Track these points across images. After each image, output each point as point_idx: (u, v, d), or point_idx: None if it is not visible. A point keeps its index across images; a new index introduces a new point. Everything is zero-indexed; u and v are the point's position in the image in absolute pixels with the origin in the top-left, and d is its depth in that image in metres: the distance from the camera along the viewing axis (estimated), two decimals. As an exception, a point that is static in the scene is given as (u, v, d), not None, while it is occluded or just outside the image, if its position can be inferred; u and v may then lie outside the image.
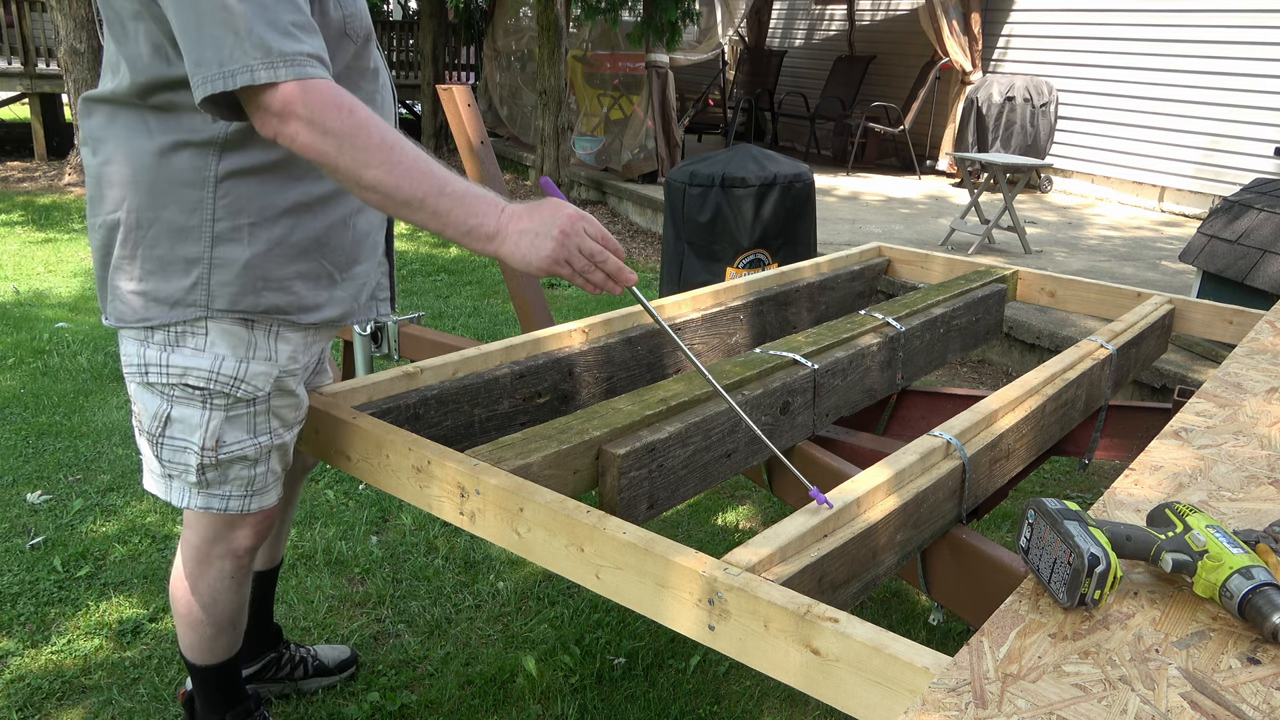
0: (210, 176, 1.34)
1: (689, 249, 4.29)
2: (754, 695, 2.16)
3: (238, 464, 1.48)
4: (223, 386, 1.42)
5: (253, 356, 1.43)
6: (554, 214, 1.28)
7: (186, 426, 1.44)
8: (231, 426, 1.45)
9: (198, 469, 1.46)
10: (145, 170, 1.34)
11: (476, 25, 12.00)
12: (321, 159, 1.19)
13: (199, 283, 1.37)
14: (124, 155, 1.35)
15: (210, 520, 1.56)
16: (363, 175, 1.20)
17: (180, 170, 1.34)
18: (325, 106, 1.18)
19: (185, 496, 1.50)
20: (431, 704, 2.09)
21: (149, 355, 1.41)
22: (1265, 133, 6.83)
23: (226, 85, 1.15)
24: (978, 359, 4.71)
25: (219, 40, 1.15)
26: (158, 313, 1.39)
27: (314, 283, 1.45)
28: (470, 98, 2.66)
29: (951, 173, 9.10)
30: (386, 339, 2.51)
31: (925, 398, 2.41)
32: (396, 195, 1.22)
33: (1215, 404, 1.65)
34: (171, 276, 1.37)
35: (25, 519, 2.77)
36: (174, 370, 1.41)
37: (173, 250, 1.36)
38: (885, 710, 0.98)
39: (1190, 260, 4.09)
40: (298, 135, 1.18)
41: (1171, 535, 1.07)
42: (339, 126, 1.18)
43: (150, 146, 1.34)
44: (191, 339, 1.40)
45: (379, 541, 2.73)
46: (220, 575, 1.62)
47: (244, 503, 1.52)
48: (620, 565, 1.19)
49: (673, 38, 7.76)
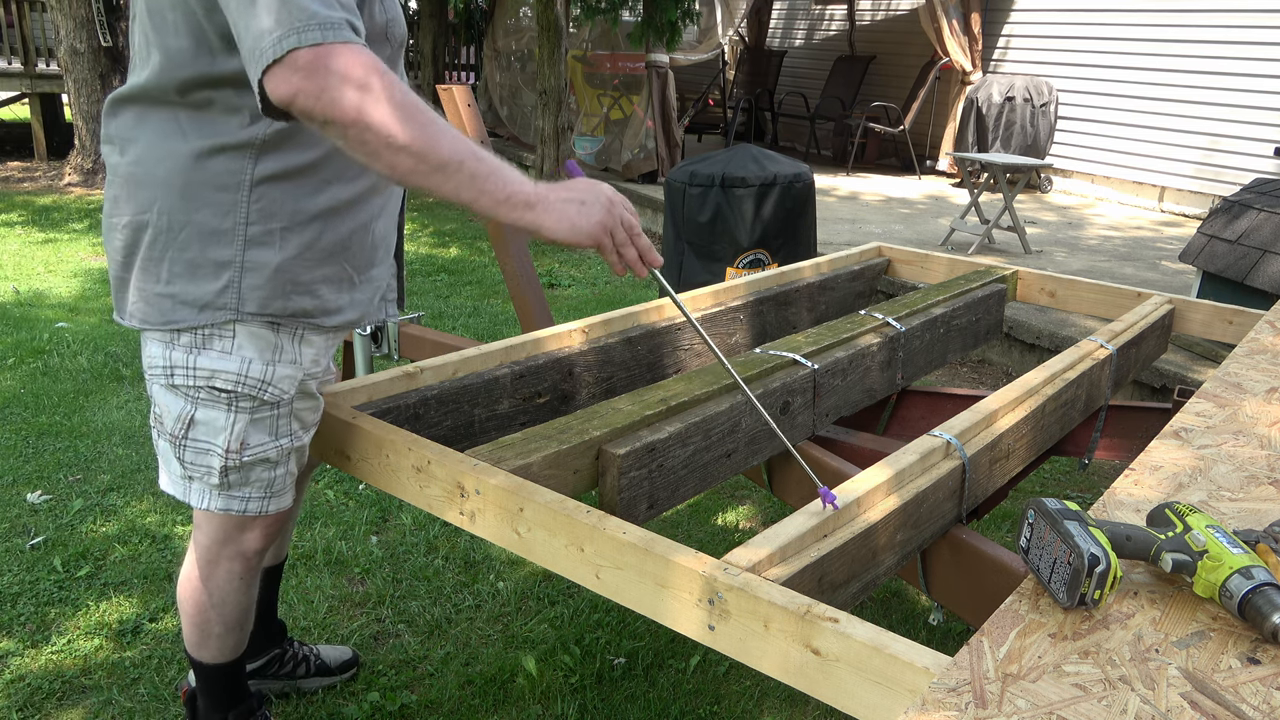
0: (246, 180, 1.33)
1: (689, 249, 4.30)
2: (754, 695, 2.16)
3: (259, 466, 1.48)
4: (250, 389, 1.42)
5: (279, 360, 1.43)
6: (595, 186, 1.33)
7: (211, 429, 1.44)
8: (255, 429, 1.45)
9: (220, 471, 1.46)
10: (179, 173, 1.33)
11: (476, 25, 12.01)
12: (347, 116, 1.14)
13: (230, 286, 1.37)
14: (156, 157, 1.34)
15: (221, 521, 1.56)
16: (397, 135, 1.15)
17: (216, 174, 1.33)
18: (360, 63, 1.15)
19: (205, 498, 1.50)
20: (431, 704, 2.09)
21: (175, 357, 1.41)
22: (1265, 133, 6.83)
23: (278, 52, 1.12)
24: (978, 359, 4.71)
25: (271, 10, 1.13)
26: (185, 315, 1.38)
27: (337, 286, 1.46)
28: (470, 98, 2.66)
29: (951, 173, 9.10)
30: (386, 339, 2.51)
31: (925, 398, 2.41)
32: (431, 157, 1.18)
33: (1215, 404, 1.65)
34: (201, 280, 1.36)
35: (25, 519, 2.77)
36: (201, 373, 1.40)
37: (204, 253, 1.35)
38: (885, 710, 0.98)
39: (1190, 260, 4.09)
40: (325, 90, 1.13)
41: (1171, 535, 1.07)
42: (372, 82, 1.15)
43: (185, 149, 1.32)
44: (219, 341, 1.40)
45: (379, 541, 2.73)
46: (230, 575, 1.62)
47: (262, 504, 1.52)
48: (620, 565, 1.19)
49: (673, 38, 7.75)
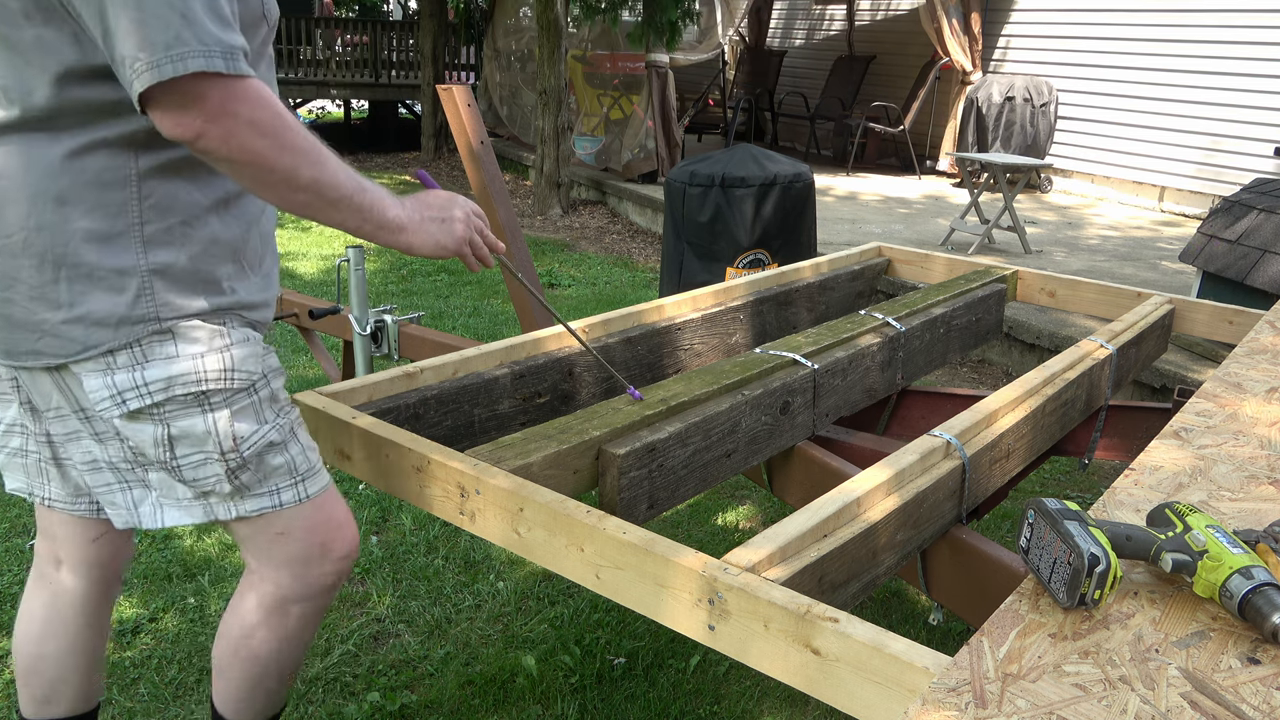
0: (131, 175, 1.19)
1: (689, 249, 4.30)
2: (754, 695, 2.16)
3: (268, 452, 1.33)
4: (214, 383, 1.27)
5: (231, 343, 1.29)
6: (448, 201, 1.37)
7: (196, 438, 1.28)
8: (241, 419, 1.30)
9: (228, 474, 1.30)
10: (50, 178, 1.16)
11: (476, 25, 12.01)
12: (255, 159, 1.12)
13: (141, 295, 1.21)
14: (20, 165, 1.16)
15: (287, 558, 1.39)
16: (299, 176, 1.15)
17: (96, 172, 1.17)
18: (264, 105, 1.11)
19: (230, 508, 1.34)
20: (431, 704, 2.09)
21: (119, 381, 1.23)
22: (1265, 133, 6.83)
23: (176, 70, 1.04)
24: (978, 359, 4.71)
25: (166, 20, 1.04)
26: (103, 336, 1.21)
27: (245, 282, 1.33)
28: (470, 98, 2.66)
29: (951, 173, 9.10)
30: (386, 339, 2.51)
31: (925, 398, 2.41)
32: (327, 194, 1.19)
33: (1215, 404, 1.66)
34: (108, 292, 1.20)
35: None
36: (155, 385, 1.24)
37: (100, 263, 1.19)
38: (885, 710, 0.98)
39: (1190, 260, 4.09)
40: (232, 135, 1.09)
41: (1171, 535, 1.07)
42: (277, 127, 1.12)
43: (55, 151, 1.16)
44: (159, 347, 1.24)
45: (379, 541, 2.73)
46: (301, 623, 1.45)
47: (296, 490, 1.36)
48: (620, 565, 1.19)
49: (673, 37, 7.76)
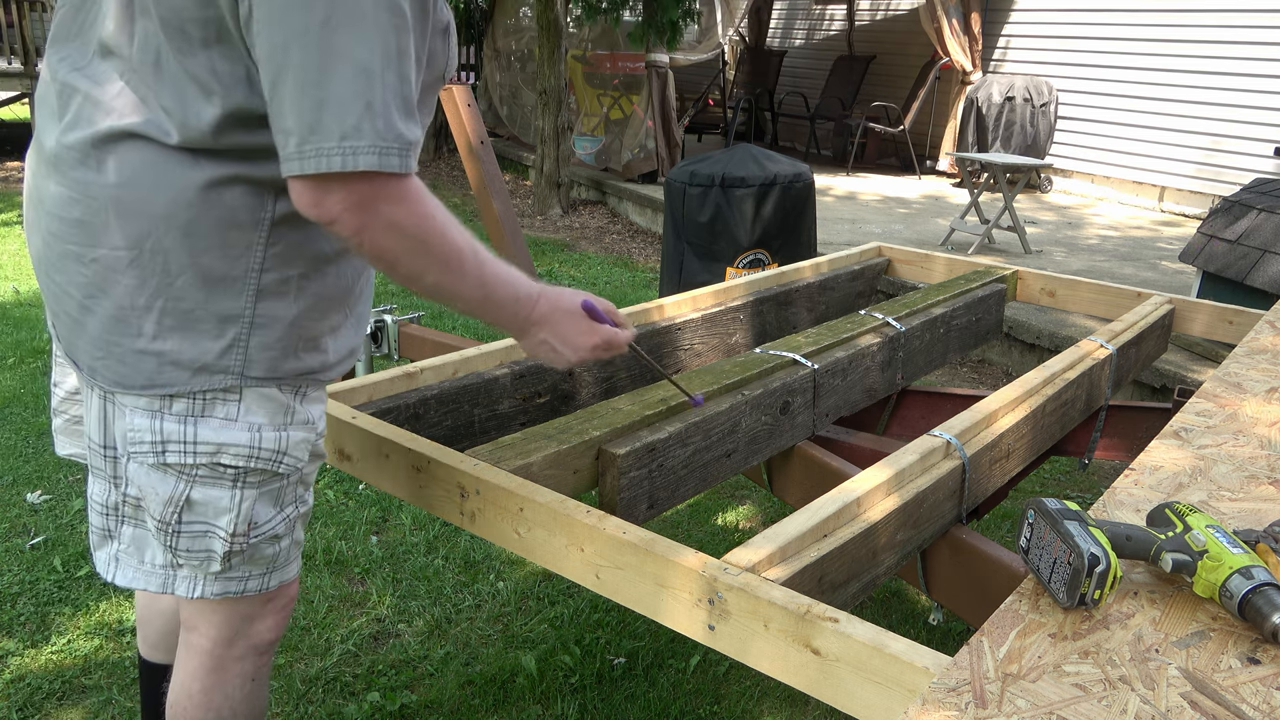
0: (265, 218, 1.12)
1: (689, 249, 4.29)
2: (754, 695, 2.16)
3: (266, 543, 1.25)
4: (263, 463, 1.18)
5: (291, 423, 1.21)
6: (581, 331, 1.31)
7: (212, 509, 1.19)
8: (262, 504, 1.21)
9: (223, 557, 1.21)
10: (184, 206, 1.09)
11: (476, 25, 12.00)
12: (382, 256, 1.08)
13: (235, 345, 1.14)
14: (153, 181, 1.09)
15: (225, 614, 1.30)
16: (423, 280, 1.12)
17: (231, 209, 1.10)
18: (412, 206, 1.06)
19: (195, 586, 1.23)
20: (431, 704, 2.09)
21: (167, 429, 1.14)
22: (1265, 133, 6.83)
23: (346, 166, 0.98)
24: (978, 359, 4.71)
25: (349, 108, 0.97)
26: (175, 378, 1.13)
27: (337, 335, 1.27)
28: (470, 98, 2.66)
29: (951, 173, 9.10)
30: (386, 339, 2.51)
31: (925, 398, 2.41)
32: (445, 298, 1.17)
33: (1215, 404, 1.65)
34: (199, 336, 1.13)
35: (25, 519, 2.77)
36: (204, 448, 1.15)
37: (206, 305, 1.12)
38: (885, 710, 0.98)
39: (1190, 260, 4.09)
40: (365, 229, 1.04)
41: (1171, 535, 1.07)
42: (416, 231, 1.08)
43: (195, 178, 1.09)
44: (221, 407, 1.16)
45: (379, 541, 2.73)
46: (241, 680, 1.35)
47: (263, 580, 1.27)
48: (620, 565, 1.19)
49: (673, 37, 7.75)
